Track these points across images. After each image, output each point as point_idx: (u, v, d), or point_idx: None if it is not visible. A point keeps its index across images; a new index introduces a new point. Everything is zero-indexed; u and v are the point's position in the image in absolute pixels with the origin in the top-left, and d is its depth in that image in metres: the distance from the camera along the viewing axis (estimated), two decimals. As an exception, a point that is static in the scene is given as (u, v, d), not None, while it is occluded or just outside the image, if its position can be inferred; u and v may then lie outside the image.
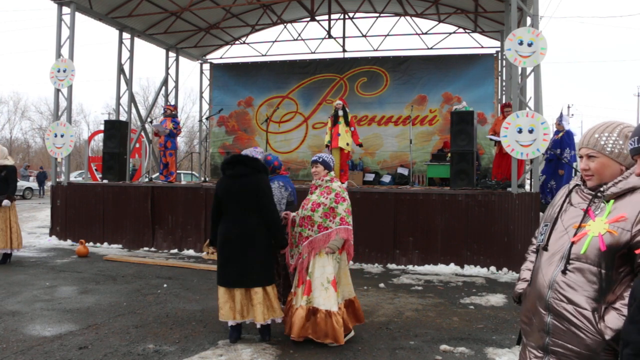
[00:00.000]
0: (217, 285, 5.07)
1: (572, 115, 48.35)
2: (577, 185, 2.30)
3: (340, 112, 10.65)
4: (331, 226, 4.91)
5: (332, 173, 5.17)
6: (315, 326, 4.82)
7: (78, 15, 11.98)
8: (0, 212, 8.55)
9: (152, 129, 13.40)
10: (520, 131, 8.66)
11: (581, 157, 2.26)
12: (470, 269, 8.78)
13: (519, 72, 9.83)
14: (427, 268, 8.90)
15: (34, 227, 14.10)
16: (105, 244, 11.10)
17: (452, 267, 8.87)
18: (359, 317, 5.25)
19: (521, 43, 8.76)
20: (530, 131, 8.60)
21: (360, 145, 10.94)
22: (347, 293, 5.17)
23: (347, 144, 10.56)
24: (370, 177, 14.22)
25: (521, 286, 2.45)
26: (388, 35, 15.21)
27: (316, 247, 4.93)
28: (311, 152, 15.09)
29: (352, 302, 5.20)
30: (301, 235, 5.04)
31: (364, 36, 15.35)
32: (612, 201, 2.10)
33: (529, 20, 9.74)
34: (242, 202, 4.90)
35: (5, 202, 8.48)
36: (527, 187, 9.98)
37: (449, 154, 10.75)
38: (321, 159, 5.13)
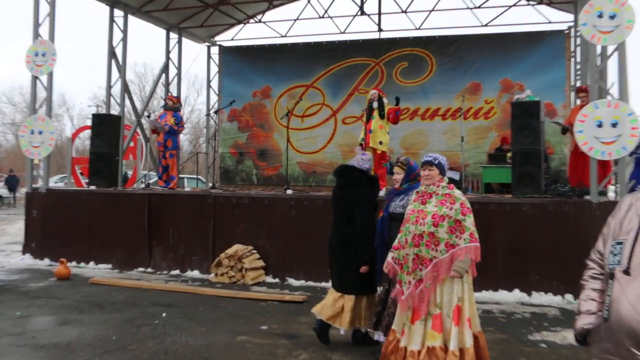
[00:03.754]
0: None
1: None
2: None
3: (375, 104, 10.53)
4: (459, 243, 4.77)
5: (447, 179, 5.15)
6: None
7: (60, -12, 12.11)
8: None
9: (149, 125, 13.42)
10: (600, 125, 8.49)
11: None
12: (539, 297, 8.63)
13: (598, 51, 9.64)
14: (486, 295, 8.74)
15: (4, 244, 14.28)
16: (92, 263, 11.12)
17: (517, 295, 8.73)
18: (482, 358, 4.96)
19: (601, 15, 8.56)
20: (614, 125, 8.43)
21: (396, 112, 10.59)
22: (473, 325, 4.94)
23: (381, 143, 10.44)
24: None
25: (587, 321, 2.36)
26: (433, 10, 15.15)
27: (442, 272, 4.78)
28: (341, 152, 15.06)
29: (477, 338, 4.93)
30: (418, 257, 4.89)
31: (404, 12, 15.30)
32: None
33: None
34: (342, 212, 6.05)
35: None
36: (611, 195, 9.76)
37: (510, 154, 10.67)
38: (437, 161, 5.10)
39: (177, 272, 10.57)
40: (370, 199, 6.04)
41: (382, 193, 6.65)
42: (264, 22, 16.80)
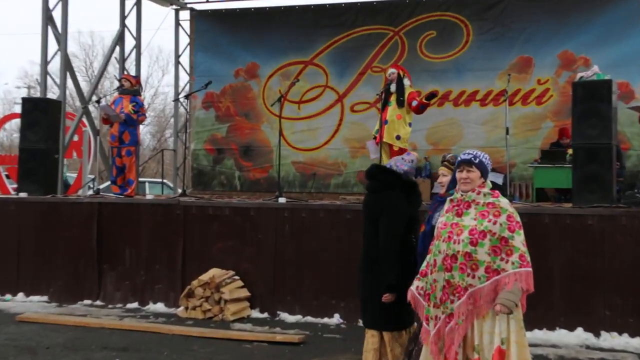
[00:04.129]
0: None
1: None
2: None
3: (393, 87, 10.53)
4: (505, 268, 4.72)
5: (490, 183, 5.12)
6: None
7: None
8: None
9: (99, 113, 13.41)
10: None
11: None
12: (611, 339, 8.58)
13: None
14: (538, 335, 8.71)
15: None
16: (21, 295, 11.08)
17: (580, 335, 8.69)
18: None
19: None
20: None
21: (430, 98, 10.58)
22: None
23: (399, 138, 10.47)
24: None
25: None
26: (470, -38, 15.10)
27: (482, 305, 4.74)
28: (349, 149, 15.06)
29: None
30: (450, 284, 4.85)
31: (431, -36, 15.26)
32: None
33: None
34: (371, 224, 6.03)
35: None
36: None
37: (571, 151, 10.62)
38: (478, 159, 5.05)
39: (135, 305, 10.56)
40: (399, 207, 5.96)
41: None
42: (248, -22, 16.91)
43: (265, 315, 9.83)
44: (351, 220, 9.49)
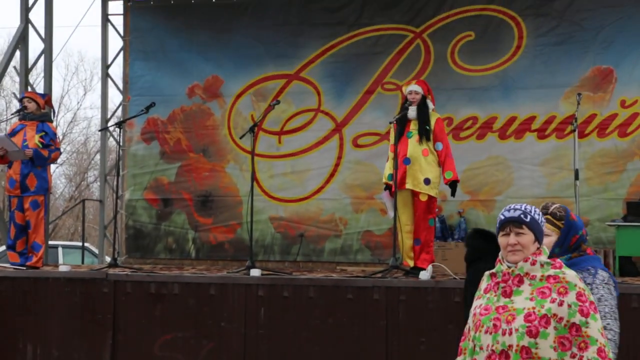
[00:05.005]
0: None
1: None
2: None
3: (413, 111, 10.63)
4: None
5: (546, 249, 5.12)
6: None
7: None
8: None
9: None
10: None
11: None
12: None
13: None
14: None
15: None
16: None
17: None
18: None
19: None
20: None
21: (454, 183, 10.83)
22: None
23: (428, 182, 10.52)
24: (484, 254, 14.10)
25: None
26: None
27: None
28: (351, 199, 15.02)
29: None
30: None
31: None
32: None
33: None
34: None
35: None
36: None
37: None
38: (530, 217, 5.03)
39: None
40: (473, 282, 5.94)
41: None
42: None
43: None
44: (355, 302, 9.54)
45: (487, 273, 5.18)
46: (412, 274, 10.40)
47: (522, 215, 5.00)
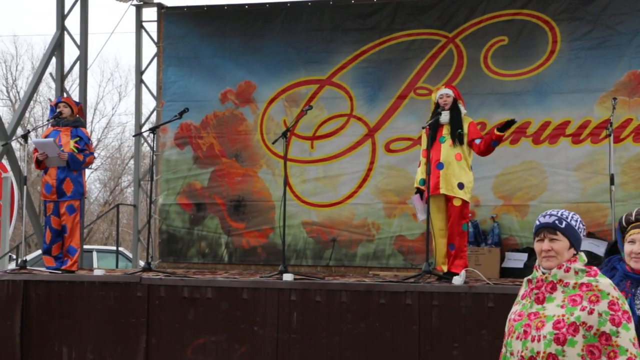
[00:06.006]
0: None
1: None
2: None
3: (446, 116, 10.60)
4: None
5: (584, 255, 5.06)
6: None
7: None
8: None
9: (29, 150, 13.53)
10: None
11: None
12: None
13: None
14: None
15: None
16: None
17: None
18: None
19: None
20: None
21: (493, 143, 10.79)
22: None
23: (461, 187, 10.48)
24: (517, 258, 13.96)
25: None
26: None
27: None
28: (384, 204, 14.93)
29: None
30: None
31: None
32: None
33: None
34: None
35: None
36: None
37: None
38: (565, 223, 4.99)
39: None
40: None
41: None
42: (241, -37, 17.06)
43: None
44: (387, 307, 9.51)
45: (525, 279, 5.14)
46: (445, 279, 10.35)
47: (556, 222, 4.98)
